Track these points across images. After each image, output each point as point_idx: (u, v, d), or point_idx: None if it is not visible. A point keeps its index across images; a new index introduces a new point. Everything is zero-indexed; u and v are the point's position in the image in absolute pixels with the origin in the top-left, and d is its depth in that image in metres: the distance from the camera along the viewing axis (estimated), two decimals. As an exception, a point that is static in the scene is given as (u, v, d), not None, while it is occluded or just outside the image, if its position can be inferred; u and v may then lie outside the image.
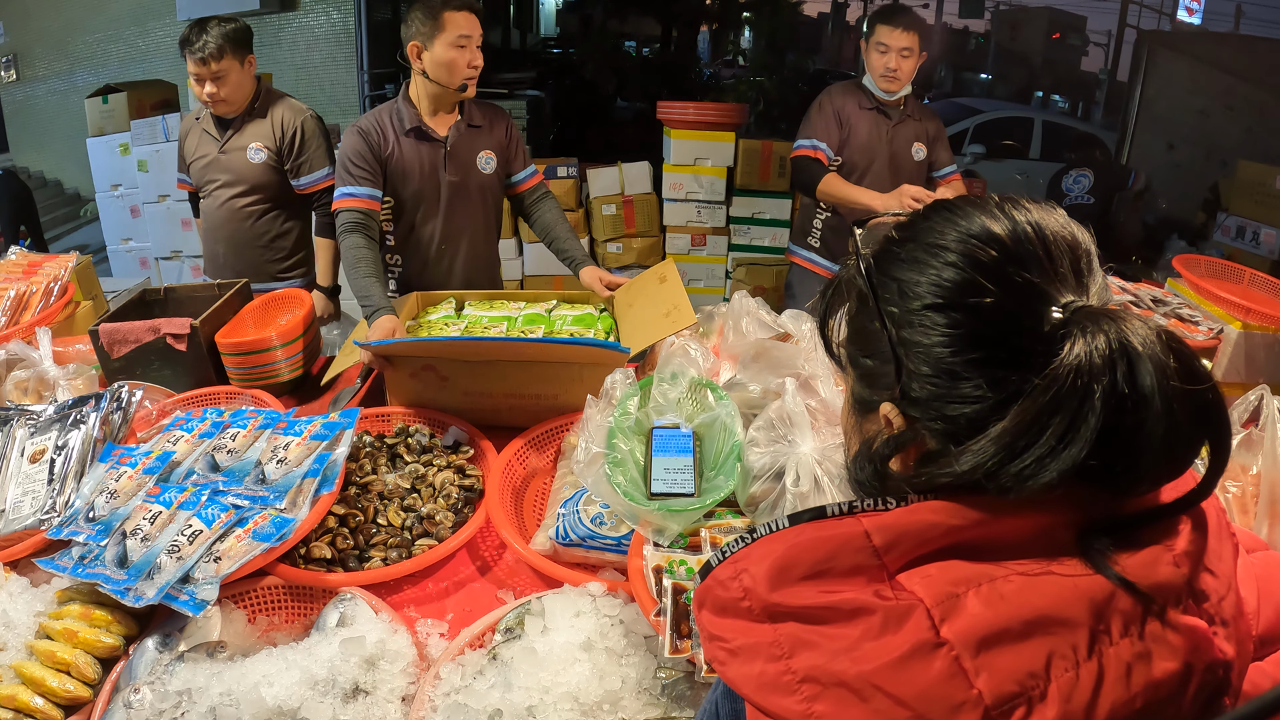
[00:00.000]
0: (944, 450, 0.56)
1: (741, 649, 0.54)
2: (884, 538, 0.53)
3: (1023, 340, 0.52)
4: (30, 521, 1.27)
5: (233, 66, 2.30)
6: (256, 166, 2.43)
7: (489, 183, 2.22)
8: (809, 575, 0.53)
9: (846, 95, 2.64)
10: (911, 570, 0.52)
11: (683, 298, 1.79)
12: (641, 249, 4.49)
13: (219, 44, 2.24)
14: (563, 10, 10.92)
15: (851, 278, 0.64)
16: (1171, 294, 1.91)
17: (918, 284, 0.57)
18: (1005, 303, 0.54)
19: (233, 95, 2.35)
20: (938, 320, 0.55)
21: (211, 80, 2.29)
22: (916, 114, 2.66)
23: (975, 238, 0.56)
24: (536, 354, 1.59)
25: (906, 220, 0.62)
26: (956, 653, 0.48)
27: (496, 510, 1.32)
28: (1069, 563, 0.52)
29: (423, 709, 0.98)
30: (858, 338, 0.63)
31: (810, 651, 0.51)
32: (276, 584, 1.20)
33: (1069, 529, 0.53)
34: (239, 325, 1.97)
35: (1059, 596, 0.50)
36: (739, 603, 0.54)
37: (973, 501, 0.53)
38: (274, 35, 5.10)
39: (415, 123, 2.10)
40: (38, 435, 1.41)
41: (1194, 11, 7.10)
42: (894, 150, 2.61)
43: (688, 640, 0.96)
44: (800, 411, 1.17)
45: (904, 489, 0.57)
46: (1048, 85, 13.15)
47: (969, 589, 0.50)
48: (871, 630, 0.50)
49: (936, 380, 0.55)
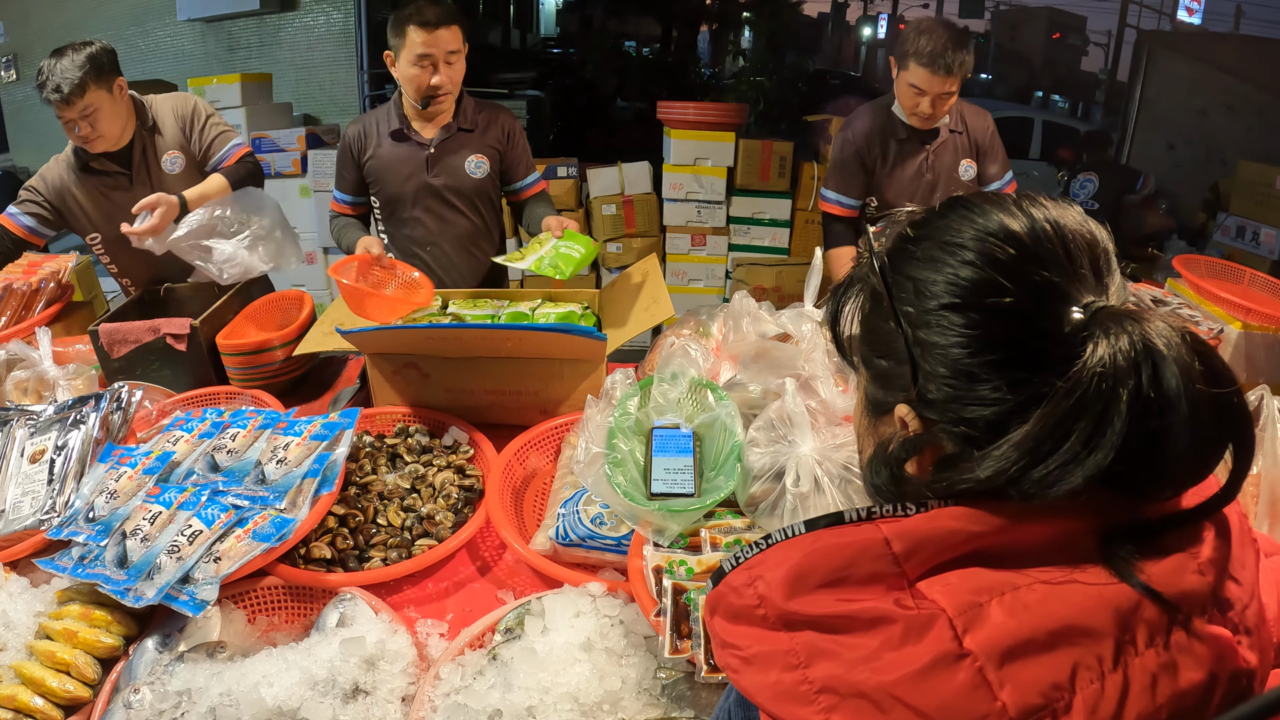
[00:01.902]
0: (962, 453, 0.55)
1: (756, 657, 0.52)
2: (904, 545, 0.52)
3: (1042, 341, 0.52)
4: (30, 522, 1.27)
5: (101, 99, 1.96)
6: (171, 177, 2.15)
7: (480, 186, 2.21)
8: (826, 583, 0.52)
9: (871, 129, 2.29)
10: (932, 578, 0.51)
11: (662, 292, 1.80)
12: (641, 249, 4.49)
13: (79, 78, 1.89)
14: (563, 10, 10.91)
15: (865, 276, 0.62)
16: (1171, 294, 1.91)
17: (934, 283, 0.55)
18: (1024, 303, 0.52)
19: (108, 128, 2.01)
20: (955, 320, 0.54)
21: (81, 120, 1.95)
22: (959, 123, 2.30)
23: (993, 235, 0.55)
24: (516, 345, 1.58)
25: (922, 217, 0.60)
26: (980, 664, 0.47)
27: (496, 510, 1.32)
28: (1092, 570, 0.51)
29: (423, 709, 0.98)
30: (871, 338, 0.62)
31: (828, 661, 0.50)
32: (276, 584, 1.20)
33: (1091, 535, 0.52)
34: (239, 326, 1.97)
35: (1083, 606, 0.49)
36: (754, 610, 0.53)
37: (994, 508, 0.52)
38: (274, 35, 5.10)
39: (399, 125, 2.12)
40: (38, 435, 1.41)
41: (1194, 11, 7.10)
42: (937, 177, 2.30)
43: (688, 640, 0.96)
44: (800, 412, 1.17)
45: (922, 493, 0.56)
46: (1048, 85, 13.15)
47: (992, 598, 0.49)
48: (892, 640, 0.49)
49: (954, 382, 0.54)
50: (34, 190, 2.11)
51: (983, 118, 2.34)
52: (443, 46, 1.99)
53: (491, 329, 1.65)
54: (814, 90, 7.61)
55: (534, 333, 1.56)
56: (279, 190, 4.35)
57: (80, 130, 1.98)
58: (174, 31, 5.29)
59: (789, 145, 4.37)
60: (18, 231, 2.09)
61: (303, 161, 4.35)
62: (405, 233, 2.22)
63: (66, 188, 2.11)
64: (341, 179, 2.22)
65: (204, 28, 5.23)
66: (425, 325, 1.74)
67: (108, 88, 1.97)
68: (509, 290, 2.08)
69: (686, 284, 4.57)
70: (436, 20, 1.96)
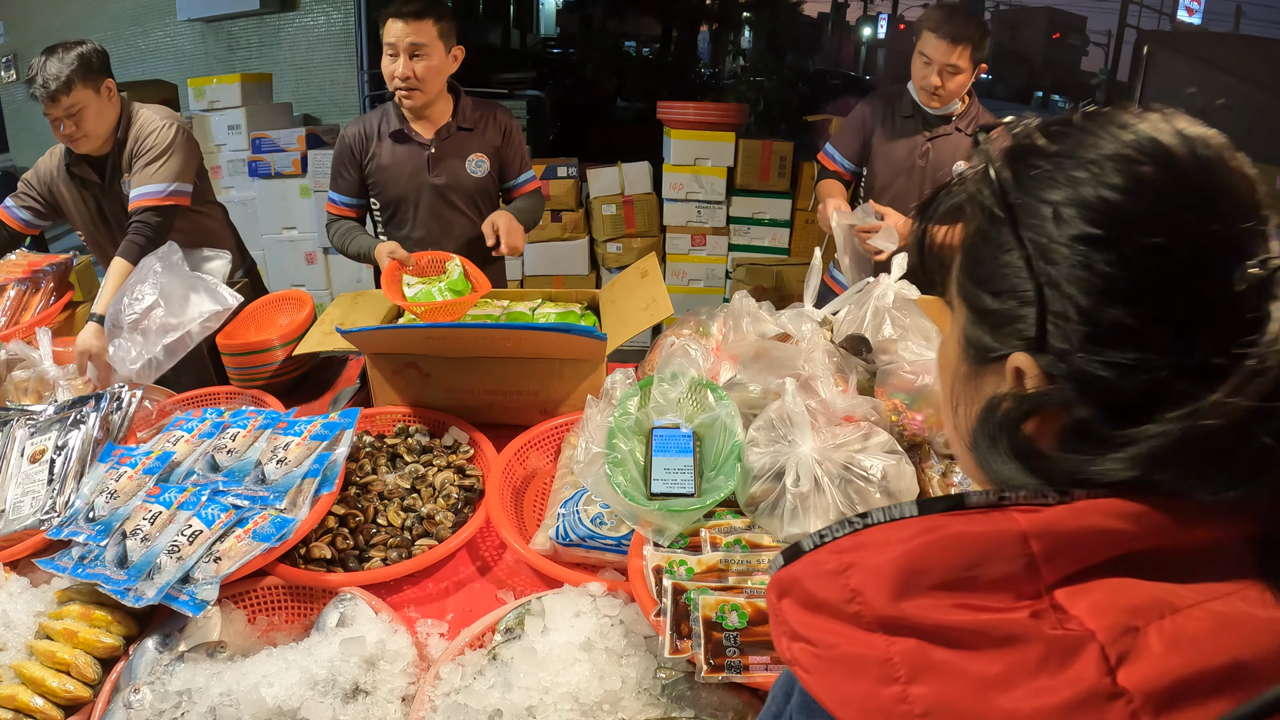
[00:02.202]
0: (1097, 424, 0.46)
1: (841, 660, 0.44)
2: (1045, 544, 0.43)
3: (1207, 297, 0.43)
4: (30, 522, 1.27)
5: (87, 98, 1.97)
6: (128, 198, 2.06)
7: (481, 185, 2.21)
8: (944, 584, 0.43)
9: (887, 100, 2.33)
10: (1072, 587, 0.42)
11: (661, 291, 1.80)
12: (641, 249, 4.49)
13: (67, 75, 1.91)
14: (563, 10, 10.92)
15: (976, 193, 0.51)
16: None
17: (1071, 209, 0.46)
18: (1185, 247, 0.43)
19: (94, 129, 2.02)
20: (1097, 257, 0.44)
21: (66, 118, 1.96)
22: (971, 126, 2.27)
23: (1150, 159, 0.45)
24: (516, 344, 1.58)
25: (1057, 127, 0.50)
26: (1136, 707, 0.38)
27: (496, 510, 1.32)
28: (1252, 588, 0.43)
29: (423, 709, 0.98)
30: (979, 270, 0.51)
31: (939, 680, 0.41)
32: (276, 584, 1.20)
33: (1248, 544, 0.45)
34: (240, 326, 1.97)
35: (1253, 639, 0.40)
36: (845, 605, 0.44)
37: (1154, 503, 0.44)
38: (274, 35, 5.10)
39: (399, 125, 2.12)
40: (38, 435, 1.41)
41: (1194, 11, 7.10)
42: (929, 167, 2.27)
43: (688, 640, 0.96)
44: (800, 411, 1.17)
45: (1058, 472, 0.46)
46: (1048, 85, 13.16)
47: (1149, 621, 0.41)
48: (1026, 664, 0.40)
49: (1091, 332, 0.45)
50: (28, 183, 2.19)
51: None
52: (406, 37, 1.99)
53: (491, 329, 1.65)
54: (814, 90, 7.61)
55: (534, 332, 1.56)
56: (279, 190, 4.37)
57: (65, 129, 1.99)
58: (174, 31, 5.30)
59: (789, 145, 4.37)
60: (14, 225, 2.19)
61: (303, 161, 4.34)
62: (406, 233, 2.22)
63: (55, 183, 2.19)
64: (339, 181, 2.20)
65: (204, 28, 5.23)
66: (424, 325, 1.74)
67: (95, 88, 1.98)
68: (509, 290, 2.08)
69: (686, 284, 4.57)
70: (409, 12, 1.98)
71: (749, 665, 0.92)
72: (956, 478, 1.22)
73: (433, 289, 1.90)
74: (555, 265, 4.53)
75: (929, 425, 1.30)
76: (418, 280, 1.97)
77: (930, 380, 1.32)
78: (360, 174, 2.18)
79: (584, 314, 1.95)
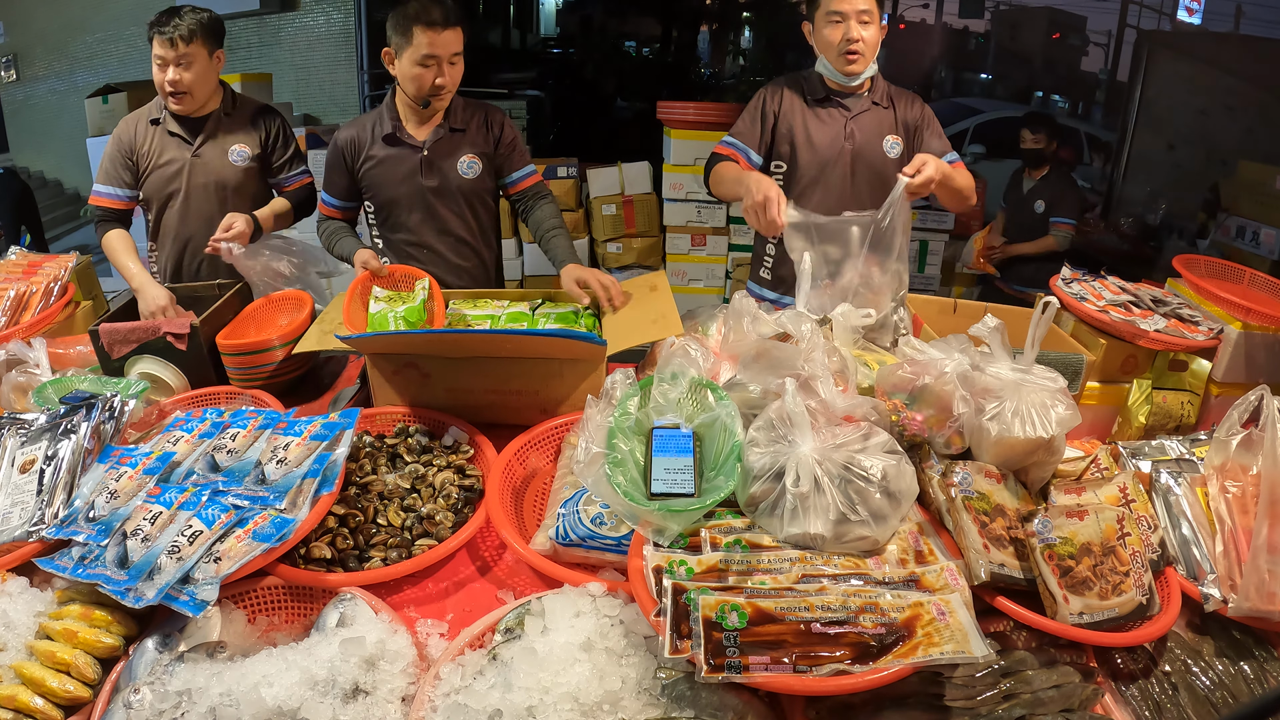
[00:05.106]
0: None
1: None
2: None
3: None
4: (19, 533, 1.26)
5: (200, 54, 2.15)
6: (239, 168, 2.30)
7: (474, 186, 2.21)
8: None
9: (789, 88, 2.19)
10: None
11: (671, 308, 1.80)
12: (641, 249, 4.49)
13: (191, 27, 2.11)
14: (563, 10, 10.89)
15: None
16: (1171, 294, 1.91)
17: None
18: None
19: (196, 85, 2.18)
20: None
21: (175, 65, 2.13)
22: (885, 100, 2.17)
23: None
24: (516, 348, 1.58)
25: None
26: None
27: (496, 510, 1.32)
28: None
29: (423, 709, 0.98)
30: None
31: None
32: (276, 584, 1.20)
33: None
34: (240, 326, 1.97)
35: None
36: None
37: None
38: (274, 35, 5.10)
39: (393, 129, 2.12)
40: (28, 445, 1.39)
41: (1194, 11, 7.09)
42: (856, 149, 2.15)
43: (688, 640, 0.96)
44: (800, 411, 1.17)
45: None
46: (1048, 85, 13.13)
47: None
48: None
49: None
50: (113, 160, 2.26)
51: (912, 99, 2.22)
52: (448, 48, 2.01)
53: (491, 334, 1.65)
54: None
55: (534, 336, 1.57)
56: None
57: (171, 74, 2.14)
58: (174, 32, 5.29)
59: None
60: (123, 205, 2.29)
61: (303, 161, 4.34)
62: (401, 236, 2.22)
63: (136, 141, 2.27)
64: (331, 183, 2.21)
65: (204, 28, 5.22)
66: (424, 331, 1.74)
67: (210, 51, 2.18)
68: (509, 290, 2.09)
69: (686, 284, 4.57)
70: (443, 21, 1.98)
71: (749, 665, 0.92)
72: (957, 478, 1.22)
73: (389, 314, 1.87)
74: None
75: (929, 425, 1.30)
76: (385, 294, 1.95)
77: (930, 380, 1.32)
78: (350, 178, 2.19)
79: (584, 314, 1.96)
